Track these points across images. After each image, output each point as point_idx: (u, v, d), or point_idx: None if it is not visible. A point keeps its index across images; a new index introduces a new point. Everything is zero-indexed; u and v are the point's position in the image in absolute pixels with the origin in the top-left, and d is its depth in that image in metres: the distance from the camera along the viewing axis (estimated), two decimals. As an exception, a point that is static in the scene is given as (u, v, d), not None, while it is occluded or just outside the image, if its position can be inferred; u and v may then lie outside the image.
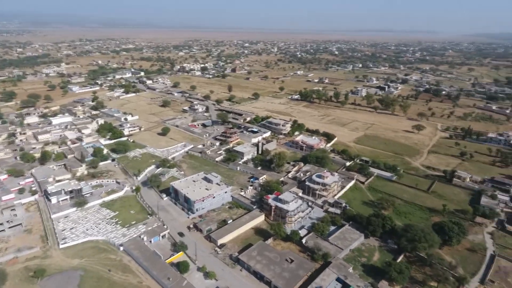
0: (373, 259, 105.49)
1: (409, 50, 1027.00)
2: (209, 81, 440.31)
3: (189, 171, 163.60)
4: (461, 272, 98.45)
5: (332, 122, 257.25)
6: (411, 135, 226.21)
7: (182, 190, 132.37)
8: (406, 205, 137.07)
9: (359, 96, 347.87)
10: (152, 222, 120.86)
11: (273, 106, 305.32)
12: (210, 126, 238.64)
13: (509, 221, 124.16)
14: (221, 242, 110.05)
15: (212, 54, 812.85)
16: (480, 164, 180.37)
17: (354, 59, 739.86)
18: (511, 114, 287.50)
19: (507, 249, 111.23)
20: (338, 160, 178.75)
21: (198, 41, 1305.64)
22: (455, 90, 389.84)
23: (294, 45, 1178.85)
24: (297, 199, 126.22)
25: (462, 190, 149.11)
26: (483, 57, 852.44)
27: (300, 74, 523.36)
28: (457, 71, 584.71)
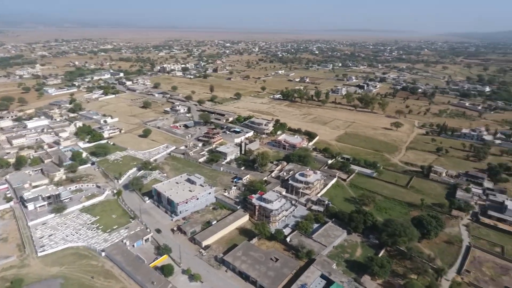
0: (356, 255, 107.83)
1: (387, 49, 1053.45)
2: (190, 82, 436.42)
3: (172, 173, 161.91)
4: (439, 264, 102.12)
5: (314, 121, 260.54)
6: (390, 132, 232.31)
7: (165, 192, 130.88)
8: (386, 200, 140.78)
9: (340, 95, 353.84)
10: (135, 226, 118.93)
11: (255, 105, 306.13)
12: (192, 127, 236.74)
13: (483, 213, 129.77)
14: (205, 244, 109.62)
15: (193, 54, 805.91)
16: (455, 159, 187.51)
17: (334, 59, 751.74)
18: (482, 110, 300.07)
19: (481, 240, 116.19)
20: (320, 158, 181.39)
21: (179, 41, 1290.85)
22: (431, 88, 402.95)
23: (275, 45, 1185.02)
24: (281, 198, 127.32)
25: (439, 185, 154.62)
26: (456, 55, 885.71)
27: (282, 73, 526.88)
28: (432, 69, 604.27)
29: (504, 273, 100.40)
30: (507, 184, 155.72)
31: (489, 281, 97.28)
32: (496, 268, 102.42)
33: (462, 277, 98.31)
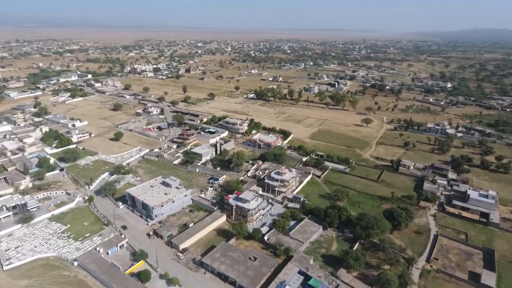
0: (332, 249, 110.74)
1: (356, 48, 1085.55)
2: (162, 82, 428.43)
3: (146, 176, 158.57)
4: (410, 254, 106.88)
5: (288, 119, 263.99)
6: (361, 129, 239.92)
7: (139, 196, 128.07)
8: (359, 195, 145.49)
9: (312, 93, 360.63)
10: (109, 232, 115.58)
11: (229, 105, 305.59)
12: (166, 128, 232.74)
13: (448, 203, 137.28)
14: (183, 247, 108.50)
15: (165, 54, 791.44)
16: (421, 152, 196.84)
17: (306, 58, 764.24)
18: (445, 105, 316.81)
19: (447, 228, 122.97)
20: (295, 156, 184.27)
21: (149, 41, 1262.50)
22: (397, 85, 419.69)
23: (247, 44, 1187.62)
24: (257, 197, 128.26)
25: (407, 177, 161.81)
26: (420, 53, 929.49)
27: (255, 73, 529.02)
28: (398, 67, 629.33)
29: (468, 258, 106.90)
30: (469, 174, 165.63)
31: (455, 266, 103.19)
32: (461, 254, 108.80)
33: (431, 265, 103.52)
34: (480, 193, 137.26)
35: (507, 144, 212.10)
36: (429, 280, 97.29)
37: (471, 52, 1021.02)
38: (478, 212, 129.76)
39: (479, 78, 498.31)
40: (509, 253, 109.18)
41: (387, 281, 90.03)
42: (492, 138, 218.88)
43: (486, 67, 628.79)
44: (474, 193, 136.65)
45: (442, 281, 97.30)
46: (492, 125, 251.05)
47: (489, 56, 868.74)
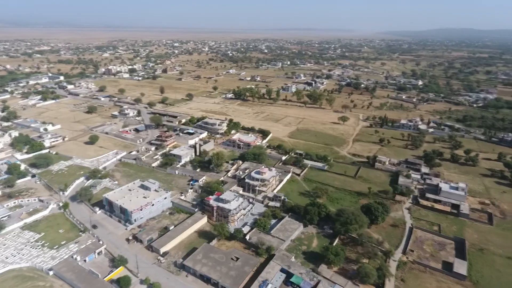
0: (312, 246, 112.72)
1: (331, 47, 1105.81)
2: (139, 83, 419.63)
3: (124, 180, 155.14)
4: (387, 246, 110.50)
5: (267, 118, 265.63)
6: (338, 126, 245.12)
7: (117, 201, 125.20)
8: (338, 191, 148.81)
9: (290, 92, 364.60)
10: (86, 239, 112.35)
11: (208, 106, 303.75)
12: (143, 130, 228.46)
13: (422, 196, 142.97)
14: (164, 250, 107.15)
15: (140, 54, 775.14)
16: (396, 148, 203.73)
17: (283, 57, 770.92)
18: (417, 102, 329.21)
19: (421, 220, 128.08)
20: (274, 155, 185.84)
21: (124, 41, 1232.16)
22: (372, 83, 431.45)
23: (224, 44, 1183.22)
24: (238, 197, 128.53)
25: (383, 173, 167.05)
26: (392, 52, 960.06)
27: (233, 72, 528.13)
28: (372, 65, 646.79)
29: (441, 248, 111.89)
30: (440, 168, 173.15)
31: (429, 257, 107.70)
32: (435, 245, 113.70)
33: (407, 257, 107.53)
34: (451, 185, 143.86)
35: (474, 138, 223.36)
36: (406, 271, 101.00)
37: (439, 50, 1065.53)
38: (449, 204, 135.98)
39: (447, 75, 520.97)
40: (478, 241, 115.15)
41: (366, 274, 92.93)
42: (460, 133, 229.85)
43: (453, 65, 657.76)
44: (445, 186, 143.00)
45: (418, 272, 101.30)
46: (460, 120, 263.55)
47: (456, 55, 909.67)
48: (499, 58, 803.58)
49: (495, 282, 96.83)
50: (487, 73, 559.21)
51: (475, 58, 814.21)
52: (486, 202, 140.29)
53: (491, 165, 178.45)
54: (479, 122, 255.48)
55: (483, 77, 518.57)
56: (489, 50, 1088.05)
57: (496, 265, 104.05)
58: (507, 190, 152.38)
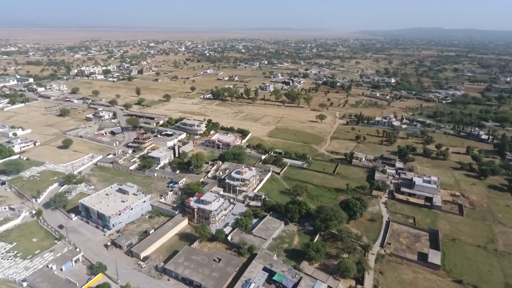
0: (294, 243, 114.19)
1: (307, 47, 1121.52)
2: (113, 85, 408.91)
3: (101, 184, 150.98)
4: (365, 241, 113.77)
5: (245, 118, 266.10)
6: (316, 125, 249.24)
7: (93, 206, 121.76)
8: (317, 188, 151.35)
9: (268, 91, 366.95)
10: (62, 247, 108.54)
11: (186, 106, 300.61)
12: (119, 133, 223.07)
13: (397, 190, 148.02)
14: (144, 255, 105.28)
15: (115, 55, 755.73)
16: (371, 144, 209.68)
17: (260, 57, 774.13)
18: (390, 99, 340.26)
19: (397, 214, 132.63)
20: (254, 154, 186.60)
21: (97, 41, 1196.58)
22: (347, 81, 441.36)
23: (201, 44, 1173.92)
24: (219, 198, 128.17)
25: (360, 169, 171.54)
26: (366, 51, 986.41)
27: (210, 72, 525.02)
28: (347, 64, 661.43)
29: (417, 240, 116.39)
30: (414, 163, 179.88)
31: (405, 249, 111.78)
32: (411, 237, 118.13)
33: (385, 249, 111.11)
34: (424, 179, 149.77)
35: (444, 133, 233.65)
36: (384, 264, 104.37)
37: (410, 49, 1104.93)
38: (423, 197, 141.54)
39: (418, 73, 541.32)
40: (451, 232, 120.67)
41: (346, 268, 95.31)
42: (432, 128, 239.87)
43: (424, 63, 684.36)
44: (419, 180, 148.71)
45: (395, 264, 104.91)
46: (431, 116, 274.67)
47: (426, 53, 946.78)
48: (465, 56, 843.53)
49: (466, 270, 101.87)
50: (455, 70, 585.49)
51: (443, 56, 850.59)
52: (457, 194, 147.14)
53: (460, 158, 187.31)
54: (448, 117, 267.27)
55: (451, 74, 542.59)
56: (456, 48, 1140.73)
57: (467, 253, 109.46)
58: (476, 182, 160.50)
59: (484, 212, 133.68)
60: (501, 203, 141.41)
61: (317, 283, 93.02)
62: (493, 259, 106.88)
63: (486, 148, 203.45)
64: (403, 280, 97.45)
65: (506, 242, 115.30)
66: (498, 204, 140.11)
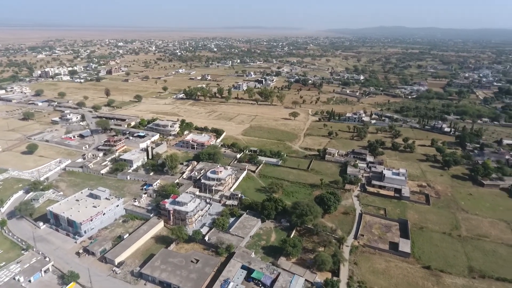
0: (271, 240, 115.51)
1: (279, 45, 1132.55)
2: (81, 86, 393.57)
3: (70, 190, 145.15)
4: (340, 233, 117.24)
5: (219, 117, 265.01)
6: (289, 122, 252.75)
7: (63, 213, 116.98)
8: (292, 185, 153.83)
9: (241, 90, 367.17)
10: (29, 257, 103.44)
11: (158, 107, 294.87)
12: (89, 136, 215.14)
13: (368, 183, 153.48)
14: (119, 261, 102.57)
15: (81, 55, 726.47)
16: (343, 140, 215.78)
17: (233, 55, 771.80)
18: (360, 96, 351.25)
19: (369, 206, 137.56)
20: (229, 153, 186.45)
21: (61, 41, 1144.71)
22: (319, 79, 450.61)
23: (172, 43, 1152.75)
24: (195, 199, 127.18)
25: (333, 164, 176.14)
26: (335, 49, 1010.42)
27: (182, 72, 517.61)
28: (318, 62, 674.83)
29: (388, 230, 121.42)
30: (383, 156, 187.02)
31: (378, 239, 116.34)
32: (382, 227, 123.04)
33: (358, 241, 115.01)
34: (393, 171, 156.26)
35: (410, 127, 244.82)
36: (358, 255, 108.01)
37: (377, 47, 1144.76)
38: (393, 188, 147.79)
39: (385, 70, 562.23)
40: (419, 221, 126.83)
41: (322, 262, 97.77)
42: (399, 123, 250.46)
43: (390, 60, 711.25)
44: (388, 172, 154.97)
45: (369, 254, 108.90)
46: (398, 111, 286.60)
47: (392, 51, 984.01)
48: (428, 54, 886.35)
49: (434, 256, 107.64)
50: (419, 67, 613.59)
51: (408, 53, 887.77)
52: (423, 185, 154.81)
53: (426, 150, 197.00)
54: (414, 112, 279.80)
55: (416, 71, 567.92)
56: (419, 46, 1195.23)
57: (434, 240, 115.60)
58: (440, 172, 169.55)
59: (448, 201, 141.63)
60: (463, 191, 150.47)
61: (295, 277, 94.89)
62: (458, 244, 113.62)
63: (448, 140, 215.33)
64: (376, 270, 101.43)
65: (469, 228, 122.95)
66: (460, 193, 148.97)
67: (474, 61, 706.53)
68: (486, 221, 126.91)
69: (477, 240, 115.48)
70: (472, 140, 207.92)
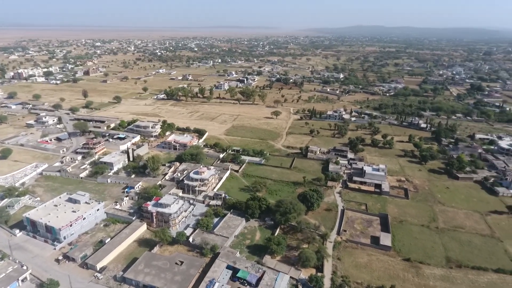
0: (256, 239, 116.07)
1: (260, 45, 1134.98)
2: (57, 88, 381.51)
3: (48, 195, 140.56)
4: (323, 230, 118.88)
5: (201, 117, 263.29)
6: (271, 121, 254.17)
7: (41, 219, 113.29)
8: (276, 183, 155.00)
9: (223, 90, 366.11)
10: (5, 266, 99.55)
11: (138, 108, 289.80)
12: (66, 139, 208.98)
13: (349, 180, 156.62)
14: (101, 266, 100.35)
15: (57, 56, 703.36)
16: (324, 137, 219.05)
17: (214, 55, 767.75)
18: (340, 94, 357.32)
19: (351, 202, 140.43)
20: (212, 153, 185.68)
21: (35, 41, 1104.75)
22: (299, 78, 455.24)
23: (152, 43, 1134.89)
24: (178, 200, 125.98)
25: (315, 162, 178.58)
26: (315, 48, 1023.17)
27: (163, 72, 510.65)
28: (298, 61, 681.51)
29: (369, 225, 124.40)
30: (363, 153, 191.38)
31: (360, 234, 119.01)
32: (364, 222, 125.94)
33: (341, 237, 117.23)
34: (373, 167, 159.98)
35: (389, 124, 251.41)
36: (341, 250, 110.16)
37: (356, 46, 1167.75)
38: (373, 184, 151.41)
39: (364, 68, 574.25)
40: (398, 215, 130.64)
41: (306, 258, 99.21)
42: (378, 120, 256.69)
43: (368, 59, 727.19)
44: (368, 169, 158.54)
45: (351, 249, 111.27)
46: (377, 109, 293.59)
47: (370, 49, 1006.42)
48: (404, 52, 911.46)
49: (413, 248, 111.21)
50: (396, 65, 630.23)
51: (385, 52, 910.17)
52: (402, 179, 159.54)
53: (404, 146, 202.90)
54: (392, 109, 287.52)
55: (393, 69, 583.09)
56: (396, 45, 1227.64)
57: (413, 233, 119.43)
58: (418, 167, 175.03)
59: (426, 194, 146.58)
60: (440, 184, 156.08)
61: (280, 275, 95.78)
62: (435, 236, 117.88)
63: (425, 135, 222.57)
64: (359, 264, 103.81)
65: (445, 219, 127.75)
66: (437, 186, 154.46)
67: (447, 59, 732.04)
68: (462, 213, 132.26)
69: (453, 231, 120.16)
70: (447, 135, 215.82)
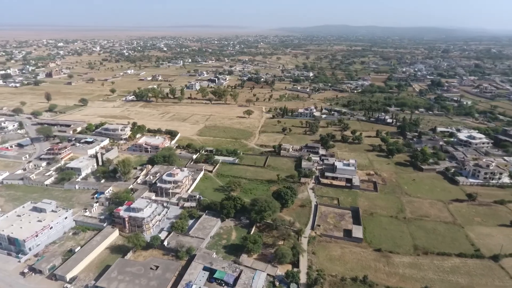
0: (232, 238, 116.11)
1: (230, 44, 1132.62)
2: (17, 91, 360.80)
3: (9, 205, 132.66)
4: (298, 226, 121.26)
5: (173, 118, 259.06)
6: (244, 120, 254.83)
7: (2, 231, 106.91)
8: (250, 182, 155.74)
9: (194, 90, 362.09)
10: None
11: (106, 110, 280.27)
12: (29, 145, 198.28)
13: (322, 176, 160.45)
14: (70, 276, 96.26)
15: (15, 57, 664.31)
16: (297, 135, 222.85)
17: (184, 55, 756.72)
18: (310, 92, 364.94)
19: (323, 197, 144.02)
20: (184, 155, 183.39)
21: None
22: (270, 76, 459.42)
23: (119, 43, 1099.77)
24: (151, 203, 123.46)
25: (288, 159, 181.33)
26: (285, 47, 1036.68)
27: (131, 73, 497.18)
28: (269, 60, 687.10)
29: (342, 219, 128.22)
30: (334, 149, 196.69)
31: (333, 228, 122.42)
32: (336, 216, 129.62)
33: (315, 231, 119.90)
34: (344, 163, 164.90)
35: (357, 120, 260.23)
36: (315, 245, 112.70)
37: (324, 45, 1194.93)
38: (344, 179, 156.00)
39: (332, 66, 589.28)
40: (369, 207, 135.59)
41: (282, 255, 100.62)
42: (347, 116, 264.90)
43: (336, 57, 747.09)
44: (339, 164, 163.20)
45: (325, 243, 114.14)
46: (346, 105, 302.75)
47: (337, 48, 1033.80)
48: (369, 50, 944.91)
49: (383, 239, 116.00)
50: (362, 63, 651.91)
51: (352, 50, 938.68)
52: (371, 173, 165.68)
53: (372, 141, 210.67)
54: (360, 105, 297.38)
55: (359, 67, 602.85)
56: (362, 43, 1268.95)
57: (383, 224, 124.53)
58: (386, 160, 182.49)
59: (393, 186, 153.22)
60: (406, 176, 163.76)
61: (257, 273, 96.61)
62: (403, 226, 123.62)
63: (391, 130, 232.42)
64: (333, 257, 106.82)
65: (412, 210, 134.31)
66: (403, 178, 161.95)
67: (410, 57, 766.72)
68: (426, 203, 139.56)
69: (419, 221, 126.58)
70: (411, 129, 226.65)
